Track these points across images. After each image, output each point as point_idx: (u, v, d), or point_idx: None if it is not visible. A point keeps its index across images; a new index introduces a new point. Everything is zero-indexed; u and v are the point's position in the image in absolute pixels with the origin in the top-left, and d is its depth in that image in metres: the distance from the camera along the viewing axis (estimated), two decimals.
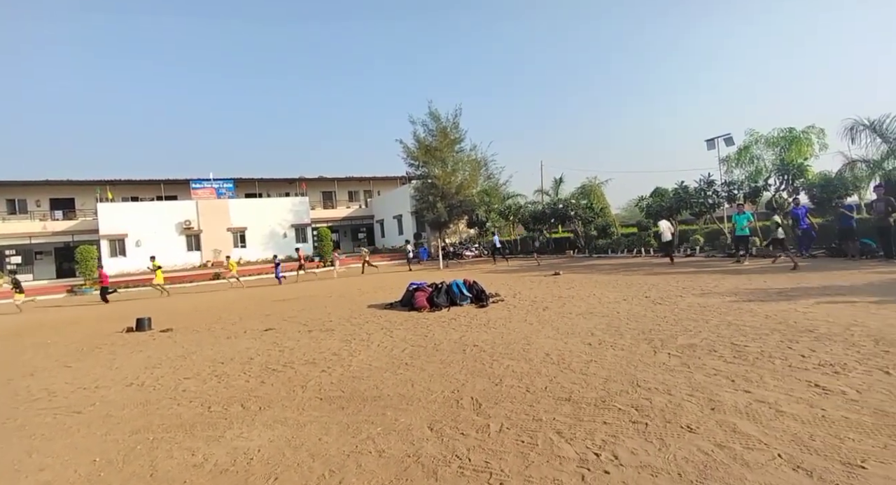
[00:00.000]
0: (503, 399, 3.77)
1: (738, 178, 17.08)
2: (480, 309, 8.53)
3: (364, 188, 44.23)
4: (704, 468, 2.46)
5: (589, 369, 4.37)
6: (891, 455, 2.45)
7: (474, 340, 6.04)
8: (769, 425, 2.92)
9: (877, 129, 13.47)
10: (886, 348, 4.27)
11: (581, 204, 23.37)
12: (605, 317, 6.84)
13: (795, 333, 5.08)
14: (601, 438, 2.92)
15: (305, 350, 6.21)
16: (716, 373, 3.98)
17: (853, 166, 15.08)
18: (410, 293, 9.40)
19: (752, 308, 6.62)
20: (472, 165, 30.41)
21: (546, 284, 11.93)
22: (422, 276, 16.05)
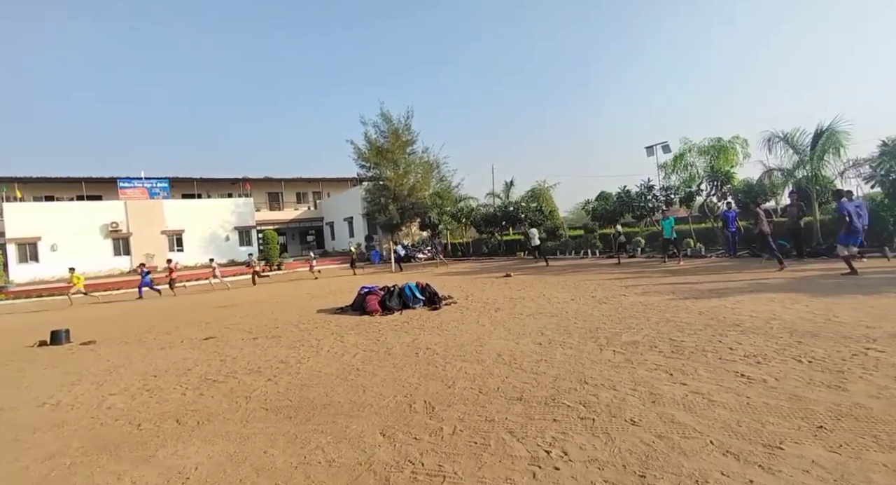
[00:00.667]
0: (456, 401, 3.79)
1: (674, 183, 18.17)
2: (433, 311, 8.54)
3: (313, 190, 43.02)
4: (646, 459, 2.59)
5: (539, 369, 4.49)
6: (803, 436, 2.69)
7: (427, 343, 6.04)
8: (703, 414, 3.12)
9: (789, 141, 14.78)
10: (799, 339, 4.68)
11: (531, 207, 23.98)
12: (554, 317, 7.05)
13: (725, 327, 5.46)
14: (551, 435, 3.01)
15: (250, 359, 5.96)
16: (656, 367, 4.20)
17: (771, 174, 16.46)
18: (362, 297, 9.26)
19: (687, 305, 7.05)
20: (424, 168, 30.41)
21: (498, 285, 12.14)
22: (374, 279, 15.86)
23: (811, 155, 14.16)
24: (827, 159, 14.11)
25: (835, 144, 13.76)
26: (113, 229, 30.14)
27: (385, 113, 29.67)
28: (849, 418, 2.88)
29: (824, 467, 2.35)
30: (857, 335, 4.66)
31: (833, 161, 14.15)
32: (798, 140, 14.60)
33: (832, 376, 3.61)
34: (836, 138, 13.72)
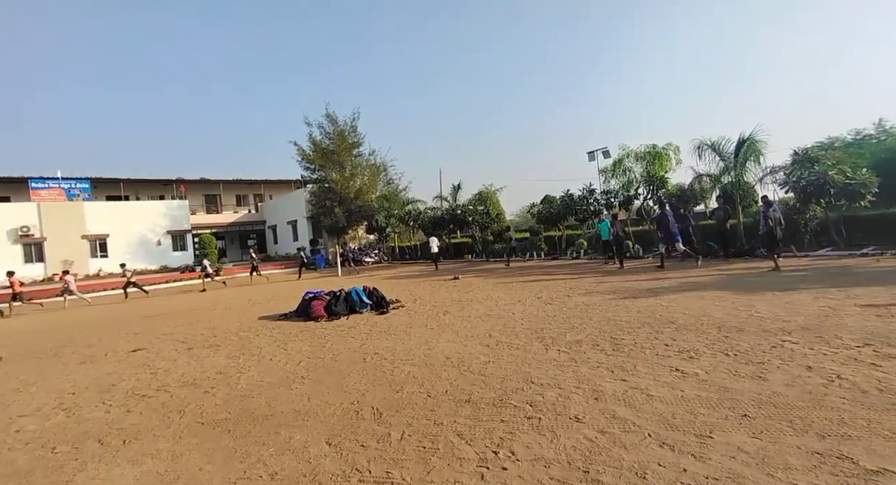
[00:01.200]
0: (404, 406, 3.74)
1: (614, 187, 19.07)
2: (381, 316, 8.42)
3: (254, 192, 41.24)
4: (590, 454, 2.67)
5: (487, 370, 4.53)
6: (730, 425, 2.88)
7: (375, 347, 5.93)
8: (641, 408, 3.26)
9: (716, 148, 15.99)
10: (727, 334, 5.03)
11: (478, 210, 24.29)
12: (501, 318, 7.15)
13: (661, 324, 5.77)
14: (499, 436, 3.03)
15: (184, 370, 5.59)
16: (598, 365, 4.36)
17: (700, 179, 17.70)
18: (307, 302, 8.96)
19: (626, 304, 7.40)
20: (371, 170, 30.09)
21: (446, 288, 12.17)
22: (319, 284, 15.42)
23: (735, 162, 15.38)
24: (748, 166, 15.40)
25: (755, 152, 15.05)
26: (23, 234, 27.38)
27: (330, 114, 29.09)
28: (769, 405, 3.12)
29: (748, 453, 2.52)
30: (775, 329, 5.08)
31: (754, 168, 15.47)
32: (724, 148, 15.81)
33: (754, 367, 3.90)
34: (756, 147, 15.01)
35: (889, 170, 14.31)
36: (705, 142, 16.19)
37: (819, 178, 13.00)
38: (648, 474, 2.40)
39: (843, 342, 4.39)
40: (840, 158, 14.25)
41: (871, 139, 19.61)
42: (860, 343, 4.31)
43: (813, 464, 2.36)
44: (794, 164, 15.02)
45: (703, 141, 16.29)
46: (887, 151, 17.17)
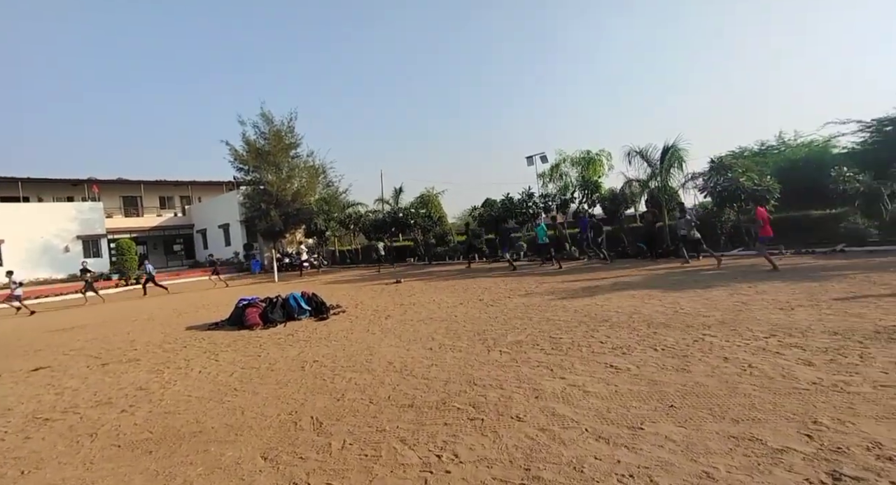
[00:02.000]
0: (346, 414, 3.63)
1: (551, 191, 19.79)
2: (321, 322, 8.17)
3: (181, 194, 38.44)
4: (531, 452, 2.72)
5: (430, 373, 4.51)
6: (659, 415, 3.06)
7: (314, 355, 5.73)
8: (579, 404, 3.38)
9: (644, 155, 17.11)
10: (655, 330, 5.36)
11: (420, 213, 24.28)
12: (444, 321, 7.17)
13: (596, 323, 6.04)
14: (442, 439, 3.02)
15: (97, 389, 5.09)
16: (538, 364, 4.48)
17: (630, 184, 18.82)
18: (240, 310, 8.50)
19: (564, 304, 7.68)
20: (309, 172, 29.16)
21: (388, 292, 12.04)
22: (254, 290, 14.71)
23: (660, 168, 16.51)
24: (672, 172, 16.60)
25: (678, 159, 16.25)
26: None
27: (266, 113, 27.90)
28: (692, 395, 3.34)
29: (675, 441, 2.68)
30: (697, 324, 5.48)
31: (677, 174, 16.70)
32: (651, 155, 16.94)
33: (679, 360, 4.18)
34: (679, 155, 16.21)
35: (788, 177, 15.98)
36: (634, 149, 17.27)
37: (732, 184, 14.25)
38: (586, 467, 2.49)
39: (753, 334, 4.81)
40: (749, 166, 15.70)
41: (774, 150, 21.84)
42: (767, 334, 4.74)
43: (729, 447, 2.55)
44: (711, 171, 16.40)
45: (632, 148, 17.37)
46: (786, 160, 19.22)
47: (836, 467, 2.26)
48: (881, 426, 2.64)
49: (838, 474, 2.21)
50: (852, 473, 2.21)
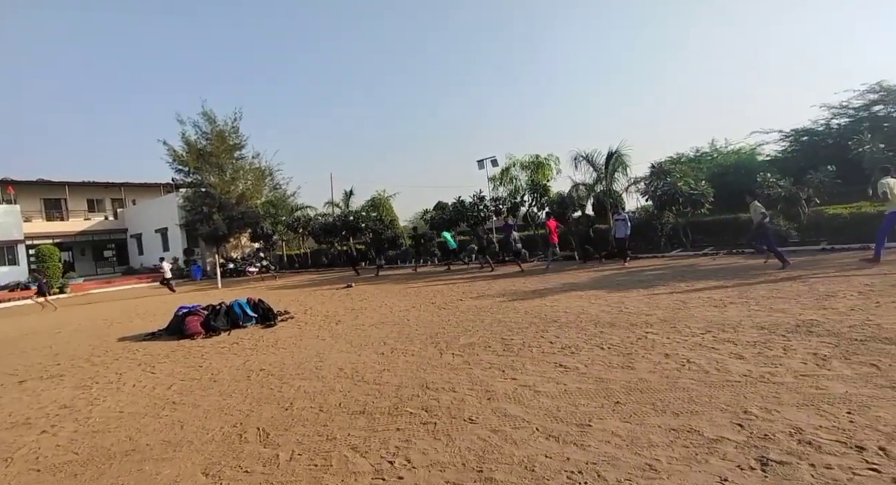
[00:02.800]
0: (294, 424, 3.50)
1: (502, 194, 20.15)
2: (268, 329, 7.86)
3: (113, 196, 35.58)
4: (483, 454, 2.73)
5: (382, 379, 4.44)
6: (605, 412, 3.16)
7: (260, 363, 5.50)
8: (530, 404, 3.44)
9: (590, 160, 17.81)
10: (602, 329, 5.56)
11: (371, 216, 23.99)
12: (396, 325, 7.10)
13: (546, 323, 6.18)
14: (395, 445, 2.97)
15: (13, 408, 4.63)
16: (490, 366, 4.52)
17: (577, 188, 19.51)
18: (180, 319, 8.03)
19: (515, 306, 7.81)
20: (255, 174, 28.15)
21: (338, 297, 11.79)
22: (195, 298, 13.96)
23: (605, 172, 17.23)
24: (617, 176, 17.38)
25: (621, 164, 17.03)
26: None
27: (208, 112, 26.72)
28: (636, 391, 3.48)
29: (620, 436, 2.78)
30: (640, 322, 5.73)
31: (621, 178, 17.51)
32: (596, 160, 17.65)
33: (624, 358, 4.35)
34: (622, 160, 17.00)
35: (720, 182, 17.14)
36: (581, 154, 17.94)
37: (671, 188, 15.11)
38: (537, 466, 2.52)
39: (691, 331, 5.09)
40: (685, 171, 16.72)
41: (707, 156, 23.37)
42: (703, 331, 5.04)
43: (670, 439, 2.67)
44: (652, 175, 17.33)
45: (578, 153, 18.04)
46: (719, 166, 20.63)
47: (763, 454, 2.43)
48: (801, 413, 2.86)
49: (766, 459, 2.37)
50: (778, 458, 2.37)
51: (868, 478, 2.14)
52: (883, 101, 19.77)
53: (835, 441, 2.49)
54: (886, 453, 2.32)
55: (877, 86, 19.63)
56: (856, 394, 3.06)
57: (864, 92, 20.11)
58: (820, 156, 17.01)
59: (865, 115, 19.85)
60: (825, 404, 2.95)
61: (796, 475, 2.21)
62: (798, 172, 14.79)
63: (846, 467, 2.24)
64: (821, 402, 2.99)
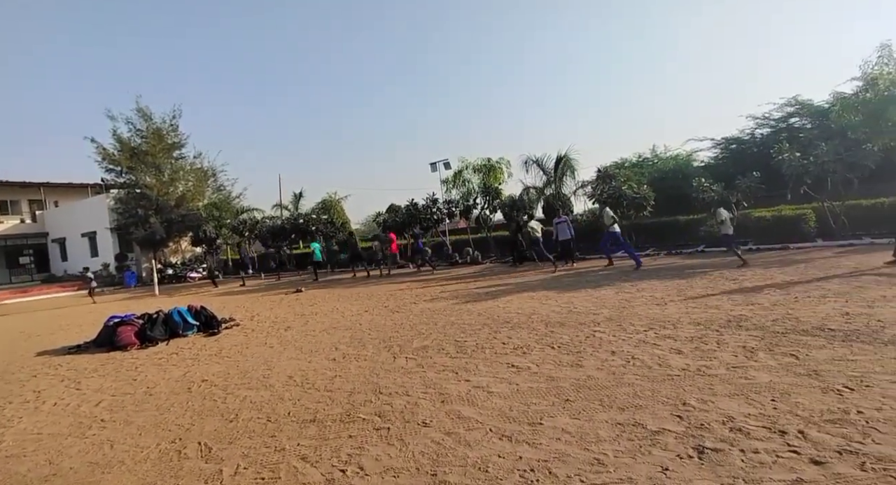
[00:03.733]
0: (240, 436, 3.34)
1: (455, 197, 20.27)
2: (211, 337, 7.47)
3: (30, 197, 32.29)
4: (437, 457, 2.72)
5: (334, 385, 4.33)
6: (556, 410, 3.24)
7: (203, 374, 5.21)
8: (483, 405, 3.46)
9: (540, 164, 18.34)
10: (552, 329, 5.71)
11: (322, 219, 23.42)
12: (348, 330, 6.96)
13: (498, 325, 6.27)
14: (347, 452, 2.90)
15: None
16: (444, 368, 4.52)
17: (528, 191, 20.00)
18: (110, 329, 7.45)
19: (468, 308, 7.87)
20: (197, 175, 26.73)
21: (287, 302, 11.41)
22: (128, 306, 13.06)
23: (555, 176, 17.77)
24: (566, 180, 17.98)
25: (570, 168, 17.63)
26: None
27: (143, 108, 25.12)
28: (585, 388, 3.60)
29: (570, 433, 2.85)
30: (588, 321, 5.93)
31: (569, 182, 18.14)
32: (546, 164, 18.19)
33: (573, 356, 4.48)
34: (571, 164, 17.60)
35: (660, 186, 18.12)
36: (531, 158, 18.43)
37: (616, 191, 15.80)
38: (490, 466, 2.54)
39: (635, 328, 5.33)
40: (629, 175, 17.55)
41: (648, 161, 24.66)
42: (646, 328, 5.29)
43: (616, 434, 2.78)
44: (598, 179, 18.07)
45: (529, 157, 18.52)
46: (659, 171, 21.81)
47: (700, 442, 2.57)
48: (733, 403, 3.06)
49: (702, 447, 2.51)
50: (712, 445, 2.52)
51: (789, 459, 2.32)
52: (798, 114, 21.73)
53: (761, 427, 2.67)
54: (805, 436, 2.52)
55: (793, 100, 21.58)
56: (779, 382, 3.31)
57: (782, 105, 22.06)
58: (746, 162, 18.38)
59: (784, 127, 21.74)
60: (753, 393, 3.17)
61: (728, 461, 2.36)
62: (728, 177, 15.89)
63: (771, 451, 2.41)
64: (749, 391, 3.21)
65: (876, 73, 12.12)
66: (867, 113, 12.20)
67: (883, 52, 12.07)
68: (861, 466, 2.20)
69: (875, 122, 12.06)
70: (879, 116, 11.88)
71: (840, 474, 2.16)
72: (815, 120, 19.77)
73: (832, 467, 2.22)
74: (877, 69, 12.16)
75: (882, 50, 12.08)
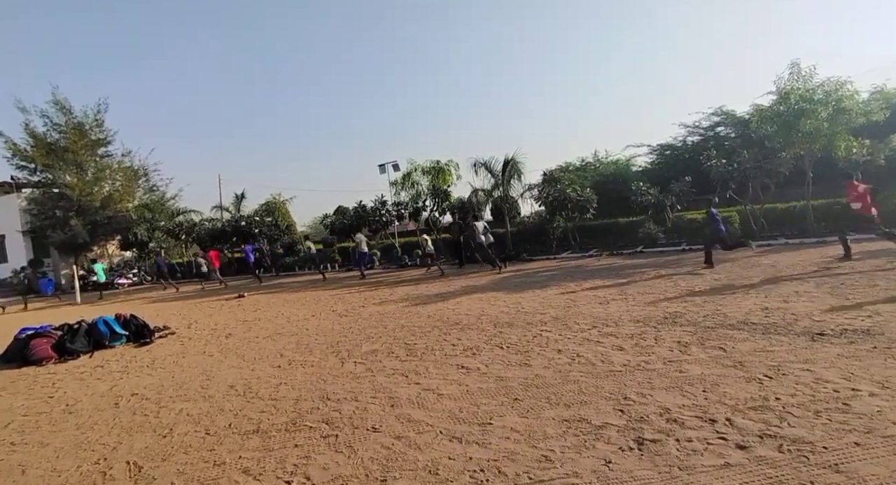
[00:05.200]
0: (174, 452, 3.13)
1: (404, 199, 20.19)
2: (142, 347, 6.97)
3: None
4: (387, 462, 2.68)
5: (279, 393, 4.17)
6: (505, 409, 3.29)
7: (133, 387, 4.85)
8: (433, 408, 3.45)
9: (488, 167, 18.64)
10: (501, 330, 5.79)
11: (266, 221, 22.54)
12: (294, 336, 6.73)
13: (448, 326, 6.28)
14: (293, 463, 2.79)
15: None
16: (394, 372, 4.46)
17: (476, 194, 20.25)
18: (22, 342, 6.74)
19: (418, 310, 7.83)
20: (126, 175, 24.89)
21: (229, 308, 10.87)
22: (45, 316, 11.94)
23: (502, 179, 18.12)
24: (513, 183, 18.39)
25: (517, 171, 18.05)
26: None
27: (61, 101, 23.12)
28: (533, 387, 3.67)
29: (519, 431, 2.90)
30: (536, 321, 6.08)
31: (517, 185, 18.57)
32: (494, 167, 18.52)
33: (521, 356, 4.57)
34: (517, 167, 18.02)
35: (602, 189, 18.98)
36: (479, 160, 18.70)
37: (561, 194, 16.35)
38: (441, 469, 2.53)
39: (579, 327, 5.52)
40: (573, 179, 18.25)
41: (591, 166, 25.74)
42: (590, 326, 5.49)
43: (563, 430, 2.86)
44: (544, 182, 18.64)
45: (477, 159, 18.78)
46: (600, 175, 22.85)
47: (640, 434, 2.70)
48: (669, 395, 3.23)
49: (641, 439, 2.64)
50: (651, 437, 2.65)
51: (718, 446, 2.48)
52: (723, 124, 23.50)
53: (694, 417, 2.85)
54: (731, 423, 2.71)
55: (719, 110, 23.32)
56: (709, 374, 3.54)
57: (709, 114, 23.76)
58: (679, 168, 19.65)
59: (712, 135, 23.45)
60: (687, 386, 3.36)
61: (665, 451, 2.48)
62: (664, 181, 16.91)
63: (702, 439, 2.57)
64: (683, 384, 3.41)
65: (788, 88, 13.34)
66: (781, 124, 13.40)
67: (793, 69, 13.31)
68: (779, 448, 2.40)
69: (788, 132, 13.27)
70: (791, 128, 13.09)
71: (761, 456, 2.34)
72: (738, 129, 21.48)
73: (755, 451, 2.39)
74: (789, 85, 13.39)
75: (792, 68, 13.32)
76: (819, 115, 12.62)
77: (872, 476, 2.09)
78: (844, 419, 2.64)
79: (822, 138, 13.01)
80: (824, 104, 12.60)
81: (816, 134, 12.87)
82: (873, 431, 2.48)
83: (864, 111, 12.67)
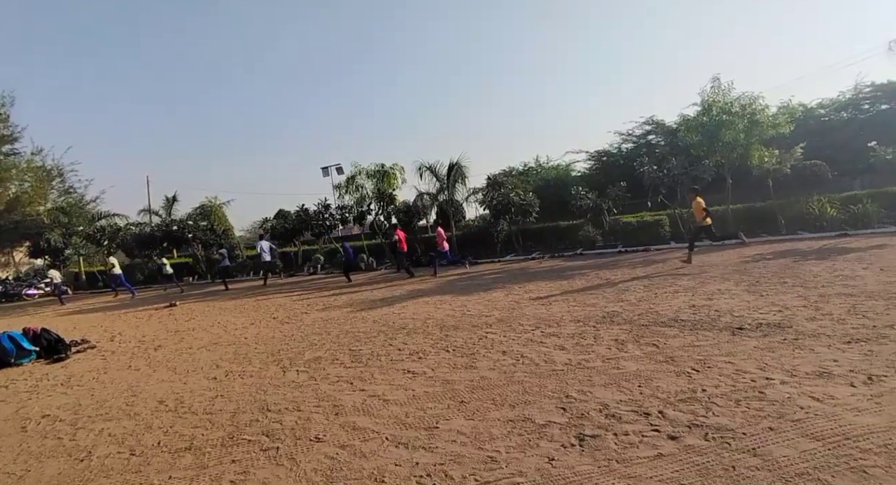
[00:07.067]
0: (94, 477, 2.87)
1: (348, 202, 19.79)
2: (56, 364, 6.35)
3: None
4: (331, 472, 2.60)
5: (214, 407, 3.94)
6: (451, 412, 3.29)
7: (43, 408, 4.40)
8: (379, 414, 3.40)
9: (433, 170, 18.72)
10: (447, 333, 5.81)
11: (200, 226, 21.31)
12: (231, 345, 6.39)
13: (394, 331, 6.22)
14: (229, 479, 2.65)
15: None
16: (338, 379, 4.35)
17: (422, 197, 20.25)
18: None
19: (363, 316, 7.70)
20: (36, 175, 22.70)
21: (159, 318, 10.16)
22: None
23: (447, 183, 18.26)
24: (458, 187, 18.57)
25: (462, 175, 18.25)
26: None
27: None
28: (479, 389, 3.71)
29: (466, 434, 2.91)
30: (481, 323, 6.15)
31: (461, 188, 18.76)
32: (439, 170, 18.63)
33: (467, 358, 4.60)
34: (462, 171, 18.23)
35: (544, 193, 19.61)
36: (425, 164, 18.74)
37: (505, 198, 16.71)
38: (387, 476, 2.49)
39: (523, 328, 5.65)
40: (516, 183, 18.71)
41: (533, 170, 26.55)
42: (533, 327, 5.63)
43: (508, 431, 2.90)
44: (488, 186, 18.98)
45: (422, 163, 18.81)
46: (542, 179, 23.64)
47: (581, 430, 2.79)
48: (607, 391, 3.38)
49: (582, 435, 2.73)
50: (591, 432, 2.76)
51: (652, 438, 2.62)
52: (654, 132, 25.08)
53: (630, 411, 2.99)
54: (664, 415, 2.88)
55: (650, 119, 24.87)
56: (644, 370, 3.74)
57: (641, 123, 25.29)
58: (615, 174, 20.68)
59: (644, 142, 24.95)
60: (624, 381, 3.53)
61: (604, 445, 2.59)
62: (601, 186, 17.75)
63: (638, 432, 2.70)
64: (621, 380, 3.57)
65: (710, 100, 14.45)
66: (705, 134, 14.49)
67: (715, 83, 14.43)
68: (705, 437, 2.57)
69: (711, 141, 14.37)
70: (713, 137, 14.18)
71: (690, 445, 2.50)
72: (667, 137, 22.99)
73: (684, 441, 2.55)
74: (710, 97, 14.50)
75: (714, 81, 14.45)
76: (737, 126, 13.77)
77: (784, 457, 2.29)
78: (760, 406, 2.87)
79: (740, 148, 14.20)
80: (741, 117, 13.78)
81: (735, 144, 14.02)
82: (784, 416, 2.71)
83: (774, 124, 13.96)
